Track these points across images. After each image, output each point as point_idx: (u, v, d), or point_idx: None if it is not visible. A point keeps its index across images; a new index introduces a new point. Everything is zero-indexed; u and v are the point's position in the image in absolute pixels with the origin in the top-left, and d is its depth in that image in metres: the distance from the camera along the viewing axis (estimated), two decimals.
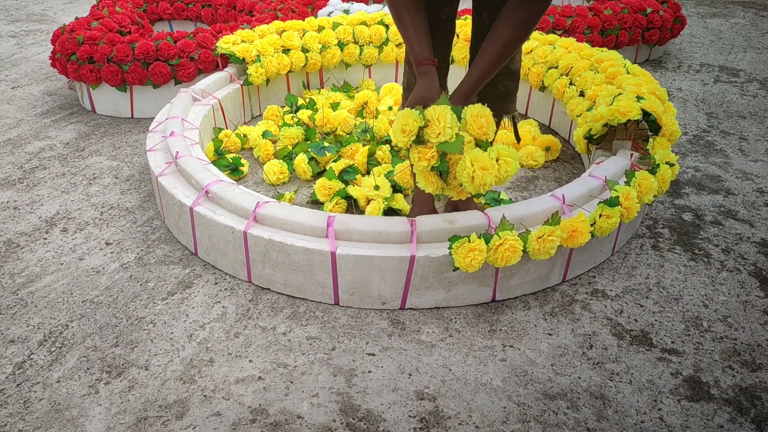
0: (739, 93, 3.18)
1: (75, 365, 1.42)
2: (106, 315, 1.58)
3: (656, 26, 3.43)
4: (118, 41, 2.68)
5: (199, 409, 1.31)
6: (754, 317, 1.60)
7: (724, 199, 2.16)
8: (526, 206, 1.64)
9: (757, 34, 4.32)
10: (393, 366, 1.43)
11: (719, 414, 1.31)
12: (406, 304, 1.60)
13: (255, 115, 2.79)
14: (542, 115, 2.73)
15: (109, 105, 2.79)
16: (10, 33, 4.11)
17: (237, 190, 1.72)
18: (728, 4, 5.18)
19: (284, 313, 1.59)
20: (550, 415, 1.30)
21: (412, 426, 1.28)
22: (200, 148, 2.07)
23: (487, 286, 1.60)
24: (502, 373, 1.41)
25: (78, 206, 2.07)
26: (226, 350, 1.46)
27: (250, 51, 2.62)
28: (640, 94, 1.95)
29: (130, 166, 2.35)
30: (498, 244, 1.48)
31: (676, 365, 1.44)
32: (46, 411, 1.30)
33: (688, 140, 2.63)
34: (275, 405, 1.32)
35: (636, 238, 1.93)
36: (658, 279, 1.74)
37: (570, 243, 1.55)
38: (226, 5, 3.67)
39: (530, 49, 2.68)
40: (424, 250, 1.53)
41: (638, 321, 1.58)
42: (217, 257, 1.73)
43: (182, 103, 2.31)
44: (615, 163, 1.84)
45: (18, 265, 1.77)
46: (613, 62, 2.30)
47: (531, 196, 2.14)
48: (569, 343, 1.50)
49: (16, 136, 2.59)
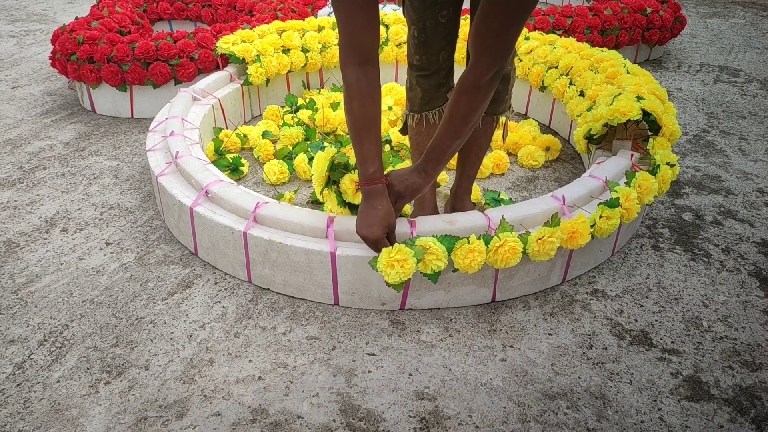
0: (739, 93, 3.18)
1: (75, 365, 1.42)
2: (106, 315, 1.58)
3: (656, 26, 3.43)
4: (118, 41, 2.68)
5: (199, 409, 1.31)
6: (754, 317, 1.60)
7: (724, 199, 2.16)
8: (526, 207, 1.64)
9: (757, 34, 4.32)
10: (393, 366, 1.43)
11: (719, 414, 1.32)
12: (406, 305, 1.60)
13: (255, 115, 2.79)
14: (542, 115, 2.73)
15: (109, 105, 2.79)
16: (10, 33, 4.11)
17: (237, 190, 1.72)
18: (728, 4, 5.18)
19: (284, 313, 1.59)
20: (550, 415, 1.30)
21: (412, 426, 1.28)
22: (200, 147, 2.07)
23: (487, 286, 1.60)
24: (502, 373, 1.41)
25: (78, 206, 2.07)
26: (226, 350, 1.47)
27: (250, 51, 2.62)
28: (640, 94, 1.95)
29: (130, 166, 2.35)
30: (498, 246, 1.48)
31: (676, 365, 1.44)
32: (46, 411, 1.30)
33: (688, 140, 2.63)
34: (275, 405, 1.32)
35: (636, 238, 1.93)
36: (658, 279, 1.74)
37: (570, 244, 1.55)
38: (226, 5, 3.66)
39: (530, 49, 2.68)
40: None
41: (638, 321, 1.58)
42: (217, 257, 1.73)
43: (182, 102, 2.31)
44: (615, 164, 1.84)
45: (18, 265, 1.77)
46: (613, 62, 2.30)
47: (531, 196, 2.14)
48: (569, 343, 1.50)
49: (16, 136, 2.59)
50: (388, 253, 1.42)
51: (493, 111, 1.68)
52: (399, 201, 1.48)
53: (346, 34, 1.32)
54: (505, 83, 1.64)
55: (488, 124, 1.71)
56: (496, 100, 1.66)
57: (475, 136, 1.72)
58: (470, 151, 1.77)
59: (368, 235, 1.43)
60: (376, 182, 1.41)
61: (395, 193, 1.47)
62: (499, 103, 1.67)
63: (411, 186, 1.47)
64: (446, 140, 1.41)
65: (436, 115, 1.69)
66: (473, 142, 1.74)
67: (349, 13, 1.29)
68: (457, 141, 1.42)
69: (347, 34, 1.32)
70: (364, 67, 1.35)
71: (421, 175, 1.47)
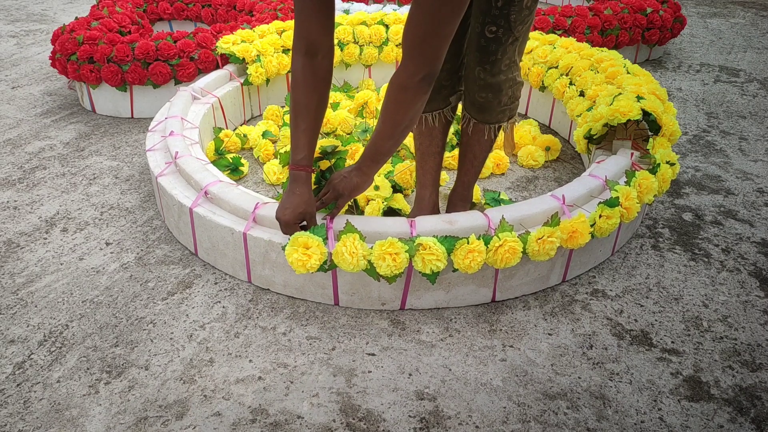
0: (739, 93, 3.18)
1: (75, 365, 1.42)
2: (106, 315, 1.58)
3: (656, 26, 3.43)
4: (118, 41, 2.68)
5: (199, 409, 1.31)
6: (754, 317, 1.60)
7: (724, 199, 2.16)
8: (526, 207, 1.63)
9: (757, 34, 4.32)
10: (393, 366, 1.43)
11: (719, 414, 1.32)
12: (406, 305, 1.60)
13: (255, 114, 2.79)
14: (542, 115, 2.73)
15: (109, 105, 2.79)
16: (10, 33, 4.11)
17: (236, 190, 1.72)
18: (728, 4, 5.18)
19: (284, 313, 1.59)
20: (550, 415, 1.30)
21: (412, 426, 1.28)
22: (200, 147, 2.06)
23: (487, 286, 1.60)
24: (502, 373, 1.41)
25: (78, 206, 2.07)
26: (226, 350, 1.47)
27: (250, 51, 2.62)
28: (640, 94, 1.95)
29: (130, 166, 2.35)
30: (497, 246, 1.48)
31: (676, 365, 1.44)
32: (46, 411, 1.30)
33: (688, 140, 2.63)
34: (275, 405, 1.32)
35: (636, 238, 1.93)
36: (658, 279, 1.74)
37: (570, 244, 1.55)
38: (226, 5, 3.66)
39: (530, 49, 2.68)
40: None
41: (638, 321, 1.58)
42: (217, 258, 1.73)
43: (182, 102, 2.31)
44: (615, 163, 1.84)
45: (18, 265, 1.77)
46: (613, 62, 2.30)
47: (531, 196, 2.14)
48: (569, 343, 1.50)
49: (16, 136, 2.59)
50: (381, 246, 1.45)
51: (483, 120, 1.64)
52: (339, 199, 1.51)
53: (295, 24, 1.39)
54: (496, 93, 1.58)
55: (479, 133, 1.67)
56: (485, 110, 1.61)
57: (468, 144, 1.71)
58: (464, 157, 1.76)
59: (280, 218, 1.48)
60: (301, 169, 1.46)
61: (336, 192, 1.50)
62: (490, 112, 1.62)
63: (349, 185, 1.49)
64: (379, 140, 1.43)
65: (436, 118, 1.68)
66: (466, 149, 1.74)
67: (300, 4, 1.36)
68: (390, 142, 1.42)
69: (296, 23, 1.39)
70: (312, 57, 1.40)
71: (359, 174, 1.49)
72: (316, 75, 1.43)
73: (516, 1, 1.45)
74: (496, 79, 1.55)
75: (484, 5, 1.48)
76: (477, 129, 1.67)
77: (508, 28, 1.48)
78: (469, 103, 1.64)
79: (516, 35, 1.51)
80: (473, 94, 1.61)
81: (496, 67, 1.54)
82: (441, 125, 1.71)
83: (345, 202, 1.52)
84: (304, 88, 1.43)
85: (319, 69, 1.42)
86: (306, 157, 1.46)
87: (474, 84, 1.58)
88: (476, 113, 1.64)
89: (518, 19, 1.48)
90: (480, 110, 1.62)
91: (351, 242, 1.46)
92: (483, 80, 1.56)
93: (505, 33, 1.49)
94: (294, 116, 1.46)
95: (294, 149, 1.47)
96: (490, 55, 1.52)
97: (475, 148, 1.72)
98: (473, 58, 1.56)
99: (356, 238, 1.47)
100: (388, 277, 1.47)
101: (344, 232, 1.49)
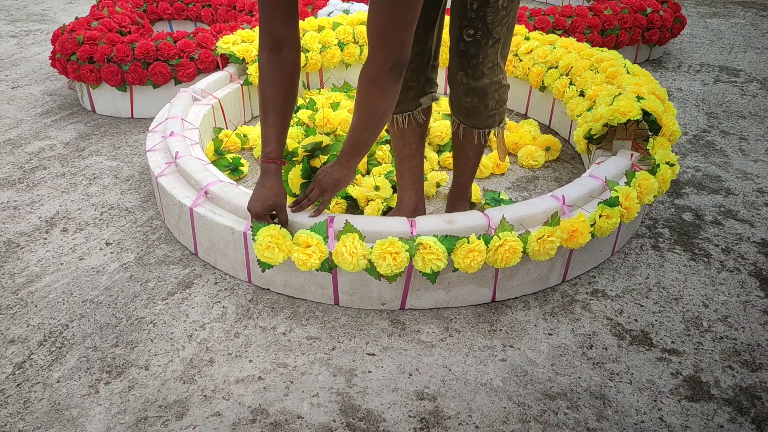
0: (739, 93, 3.18)
1: (75, 365, 1.42)
2: (106, 315, 1.58)
3: (656, 26, 3.43)
4: (118, 41, 2.67)
5: (199, 409, 1.31)
6: (754, 317, 1.60)
7: (724, 199, 2.16)
8: (526, 207, 1.63)
9: (757, 34, 4.32)
10: (393, 366, 1.43)
11: (719, 414, 1.32)
12: (406, 305, 1.60)
13: (255, 115, 2.79)
14: (542, 115, 2.73)
15: (109, 105, 2.79)
16: (10, 33, 4.11)
17: (236, 190, 1.72)
18: (728, 4, 5.18)
19: (284, 313, 1.59)
20: (550, 415, 1.30)
21: (412, 426, 1.28)
22: (200, 148, 2.07)
23: (487, 286, 1.60)
24: (502, 373, 1.41)
25: (78, 206, 2.07)
26: (226, 350, 1.47)
27: (250, 51, 2.62)
28: (640, 94, 1.95)
29: (130, 166, 2.35)
30: (498, 245, 1.48)
31: (676, 365, 1.44)
32: (46, 411, 1.30)
33: (688, 140, 2.63)
34: (275, 405, 1.32)
35: (636, 238, 1.93)
36: (658, 279, 1.74)
37: (570, 243, 1.55)
38: (226, 5, 3.66)
39: (530, 49, 2.68)
40: None
41: (638, 321, 1.58)
42: (217, 257, 1.73)
43: (182, 102, 2.31)
44: (615, 163, 1.84)
45: (18, 265, 1.77)
46: (613, 62, 2.30)
47: (531, 196, 2.14)
48: (569, 343, 1.50)
49: (16, 136, 2.59)
50: (381, 245, 1.45)
51: (472, 124, 1.63)
52: (324, 194, 1.52)
53: (260, 19, 1.40)
54: (482, 97, 1.56)
55: (469, 137, 1.66)
56: (473, 114, 1.60)
57: (461, 147, 1.71)
58: (458, 159, 1.76)
59: (250, 209, 1.51)
60: (270, 161, 1.48)
61: (321, 187, 1.52)
62: (477, 117, 1.60)
63: (332, 180, 1.50)
64: (354, 134, 1.44)
65: (406, 120, 1.66)
66: (459, 152, 1.73)
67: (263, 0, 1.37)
68: (366, 134, 1.43)
69: (260, 18, 1.40)
70: (277, 52, 1.41)
71: (339, 169, 1.49)
72: (282, 69, 1.43)
73: (491, 2, 1.43)
74: (479, 83, 1.53)
75: (460, 9, 1.47)
76: (467, 133, 1.66)
77: (486, 31, 1.46)
78: (456, 108, 1.63)
79: (496, 37, 1.49)
80: (459, 99, 1.60)
81: (478, 70, 1.52)
82: (411, 128, 1.68)
83: (330, 196, 1.53)
84: (271, 83, 1.44)
85: (284, 63, 1.43)
86: (275, 150, 1.47)
87: (458, 89, 1.57)
88: (464, 118, 1.63)
89: (496, 21, 1.46)
90: (468, 115, 1.61)
91: (351, 242, 1.46)
92: (466, 85, 1.54)
93: (484, 36, 1.47)
94: (263, 110, 1.47)
95: (264, 142, 1.48)
96: (471, 59, 1.50)
97: (467, 150, 1.71)
98: (455, 63, 1.54)
99: (356, 237, 1.47)
100: (388, 276, 1.47)
101: (344, 231, 1.49)
